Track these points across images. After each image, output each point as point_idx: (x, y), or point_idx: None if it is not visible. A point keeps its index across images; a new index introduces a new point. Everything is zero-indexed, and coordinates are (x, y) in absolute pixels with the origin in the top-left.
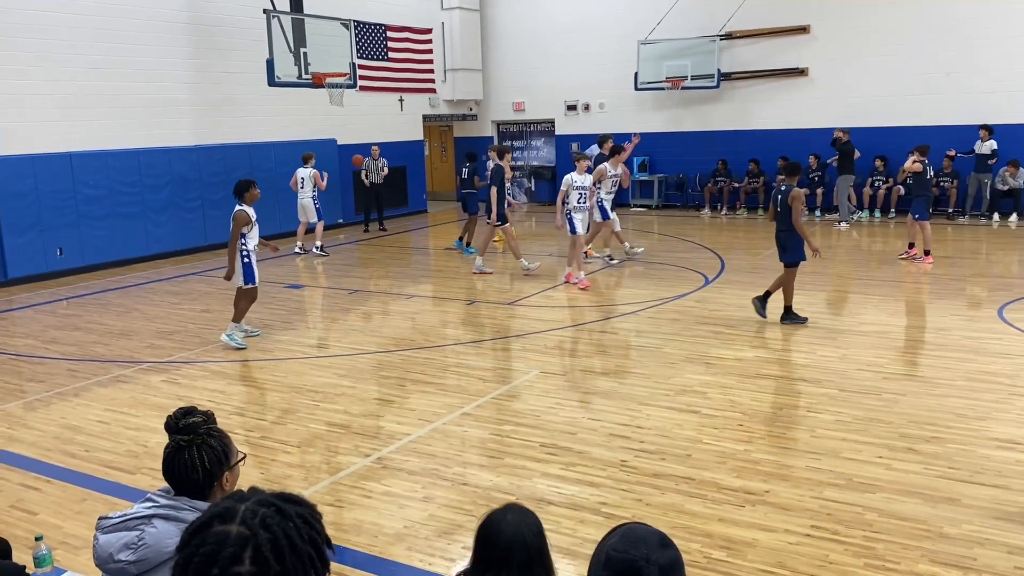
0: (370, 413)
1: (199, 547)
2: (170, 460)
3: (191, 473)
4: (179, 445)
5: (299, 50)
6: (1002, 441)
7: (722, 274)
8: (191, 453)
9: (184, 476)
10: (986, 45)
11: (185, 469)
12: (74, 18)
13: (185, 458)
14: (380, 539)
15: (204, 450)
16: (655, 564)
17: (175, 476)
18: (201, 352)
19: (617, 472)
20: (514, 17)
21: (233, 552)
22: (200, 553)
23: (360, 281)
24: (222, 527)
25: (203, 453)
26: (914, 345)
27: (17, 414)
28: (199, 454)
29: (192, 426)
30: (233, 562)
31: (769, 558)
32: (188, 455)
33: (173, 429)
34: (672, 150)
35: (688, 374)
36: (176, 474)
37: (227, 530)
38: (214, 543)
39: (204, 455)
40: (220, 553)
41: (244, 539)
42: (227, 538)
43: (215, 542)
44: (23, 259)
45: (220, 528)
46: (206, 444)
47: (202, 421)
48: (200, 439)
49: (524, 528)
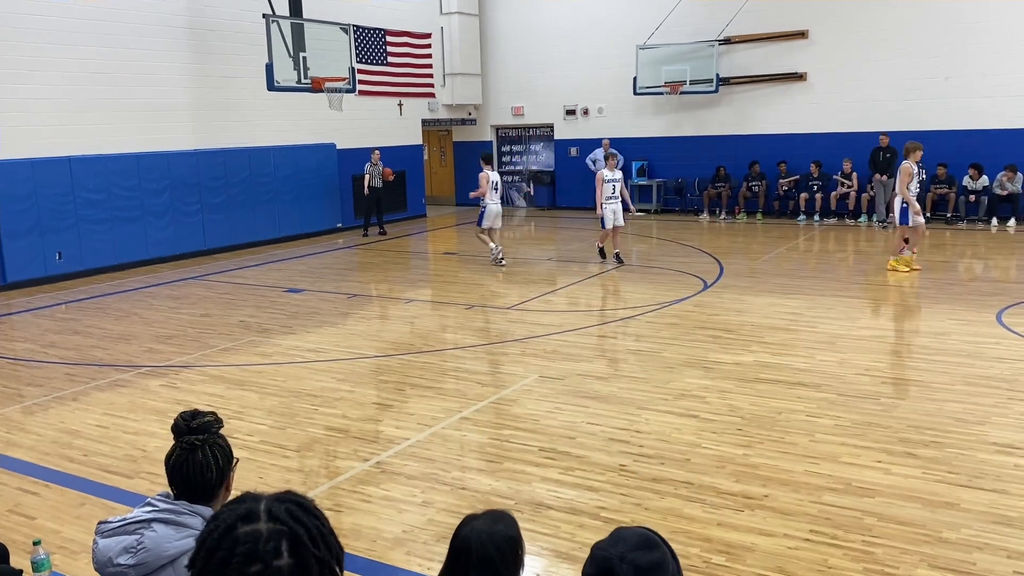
0: (369, 417)
1: (233, 548)
2: (183, 461)
3: (206, 472)
4: (193, 445)
5: (298, 55)
6: (1001, 445)
7: (721, 279)
8: (205, 452)
9: (199, 475)
10: (985, 50)
11: (200, 468)
12: (74, 22)
13: (199, 458)
14: (379, 543)
15: (216, 449)
16: (630, 563)
17: (188, 477)
18: (200, 356)
19: (616, 476)
20: (513, 22)
21: (274, 546)
22: (237, 553)
23: (359, 285)
24: (250, 527)
25: (216, 452)
26: (912, 350)
27: (15, 418)
28: (212, 453)
29: (206, 424)
30: (275, 556)
31: (768, 562)
32: (203, 454)
33: (185, 430)
34: (671, 154)
35: (687, 378)
36: (190, 475)
37: (257, 529)
38: (249, 542)
39: (217, 454)
40: (259, 549)
41: (279, 533)
42: (259, 536)
43: (249, 540)
44: (22, 263)
45: (248, 528)
46: (217, 444)
47: (214, 420)
48: (212, 438)
49: (483, 535)
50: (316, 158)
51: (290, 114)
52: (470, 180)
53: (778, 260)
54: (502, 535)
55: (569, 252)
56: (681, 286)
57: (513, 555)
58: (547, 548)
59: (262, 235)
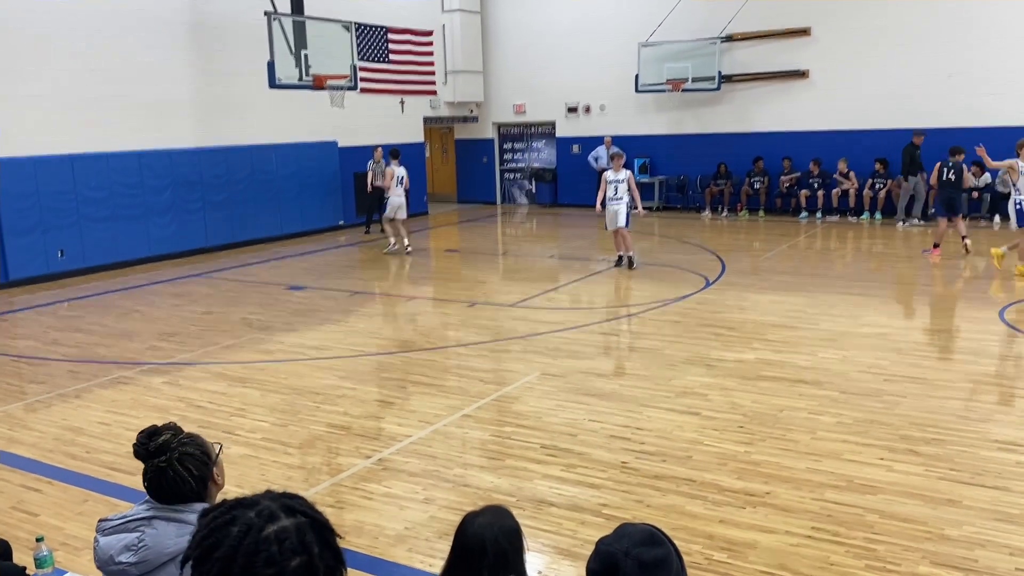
0: (371, 415)
1: (269, 548)
2: (155, 483)
3: (182, 486)
4: (159, 468)
5: (300, 52)
6: (1003, 443)
7: (723, 276)
8: (175, 469)
9: (176, 491)
10: (988, 47)
11: (175, 485)
12: (76, 20)
13: (171, 476)
14: (381, 540)
15: (186, 461)
16: (634, 559)
17: (165, 494)
18: (202, 354)
19: (618, 474)
20: (515, 19)
21: (310, 538)
22: (274, 552)
23: (361, 283)
24: (276, 525)
25: (186, 465)
26: (915, 347)
27: (18, 415)
28: (182, 467)
29: (164, 445)
30: (312, 546)
31: (770, 559)
32: (173, 472)
33: (145, 455)
34: (673, 152)
35: (689, 376)
36: (166, 492)
37: (284, 526)
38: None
39: (188, 466)
40: (296, 543)
41: (305, 525)
42: (290, 531)
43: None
44: (24, 261)
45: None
46: (185, 455)
47: (171, 436)
48: (176, 453)
49: (494, 530)
50: (318, 156)
51: (292, 112)
52: (472, 178)
53: (780, 257)
54: (509, 528)
55: (571, 249)
56: (683, 283)
57: (520, 545)
58: (549, 545)
59: (264, 233)
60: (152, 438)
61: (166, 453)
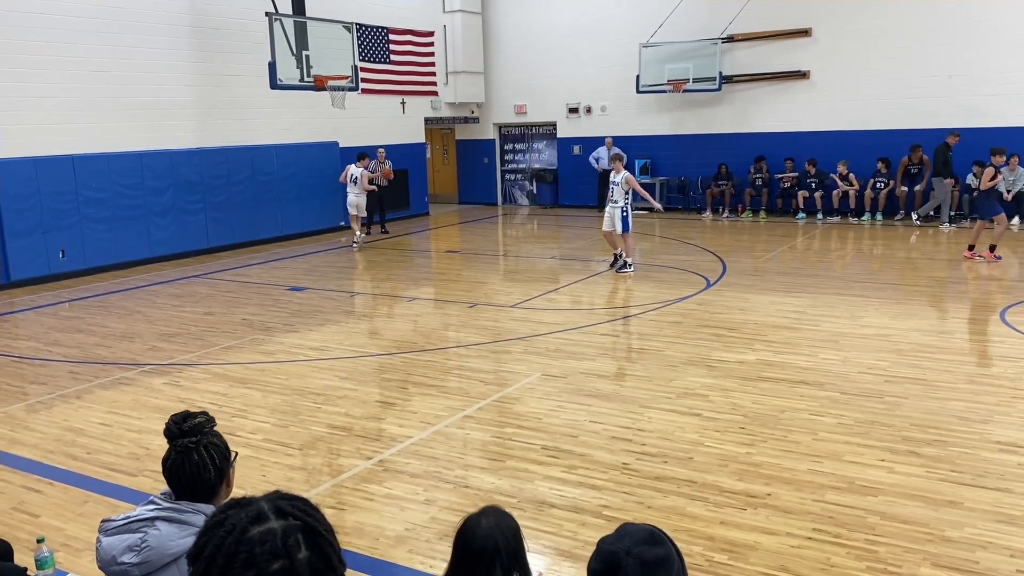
0: (372, 416)
1: (252, 548)
2: (179, 465)
3: (203, 473)
4: (187, 448)
5: (301, 53)
6: (1004, 444)
7: (724, 277)
8: (200, 454)
9: (197, 477)
10: (988, 47)
11: (197, 470)
12: (77, 20)
13: (195, 459)
14: (382, 541)
15: (212, 449)
16: (636, 558)
17: (185, 480)
18: (203, 354)
19: (619, 475)
20: (516, 20)
21: (294, 541)
22: (257, 552)
23: (362, 284)
24: (263, 527)
25: (211, 452)
26: (916, 348)
27: (19, 416)
28: (208, 453)
29: (198, 426)
30: (296, 549)
31: (771, 561)
32: (198, 455)
33: (177, 434)
34: (674, 153)
35: (690, 377)
36: (186, 477)
37: (271, 527)
38: (268, 540)
39: (213, 453)
40: (279, 545)
41: (293, 528)
42: (275, 533)
43: (268, 539)
44: (25, 261)
45: (262, 528)
46: (211, 444)
47: (206, 420)
48: (206, 439)
49: (499, 532)
50: (319, 157)
51: (293, 112)
52: (473, 179)
53: (781, 258)
54: (514, 528)
55: (572, 250)
56: (684, 284)
57: (523, 541)
58: (549, 546)
59: (265, 233)
60: (187, 419)
61: (197, 435)
